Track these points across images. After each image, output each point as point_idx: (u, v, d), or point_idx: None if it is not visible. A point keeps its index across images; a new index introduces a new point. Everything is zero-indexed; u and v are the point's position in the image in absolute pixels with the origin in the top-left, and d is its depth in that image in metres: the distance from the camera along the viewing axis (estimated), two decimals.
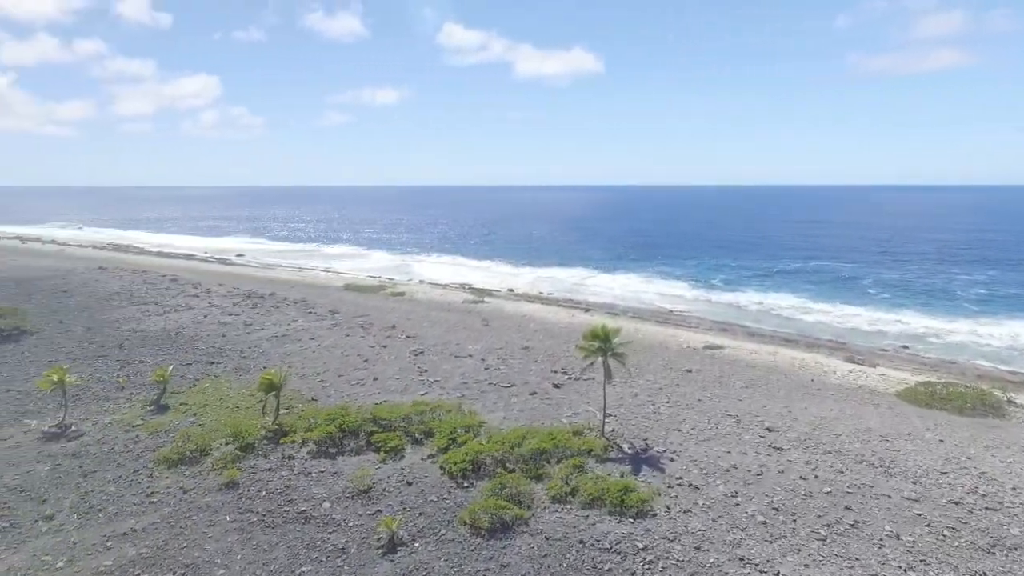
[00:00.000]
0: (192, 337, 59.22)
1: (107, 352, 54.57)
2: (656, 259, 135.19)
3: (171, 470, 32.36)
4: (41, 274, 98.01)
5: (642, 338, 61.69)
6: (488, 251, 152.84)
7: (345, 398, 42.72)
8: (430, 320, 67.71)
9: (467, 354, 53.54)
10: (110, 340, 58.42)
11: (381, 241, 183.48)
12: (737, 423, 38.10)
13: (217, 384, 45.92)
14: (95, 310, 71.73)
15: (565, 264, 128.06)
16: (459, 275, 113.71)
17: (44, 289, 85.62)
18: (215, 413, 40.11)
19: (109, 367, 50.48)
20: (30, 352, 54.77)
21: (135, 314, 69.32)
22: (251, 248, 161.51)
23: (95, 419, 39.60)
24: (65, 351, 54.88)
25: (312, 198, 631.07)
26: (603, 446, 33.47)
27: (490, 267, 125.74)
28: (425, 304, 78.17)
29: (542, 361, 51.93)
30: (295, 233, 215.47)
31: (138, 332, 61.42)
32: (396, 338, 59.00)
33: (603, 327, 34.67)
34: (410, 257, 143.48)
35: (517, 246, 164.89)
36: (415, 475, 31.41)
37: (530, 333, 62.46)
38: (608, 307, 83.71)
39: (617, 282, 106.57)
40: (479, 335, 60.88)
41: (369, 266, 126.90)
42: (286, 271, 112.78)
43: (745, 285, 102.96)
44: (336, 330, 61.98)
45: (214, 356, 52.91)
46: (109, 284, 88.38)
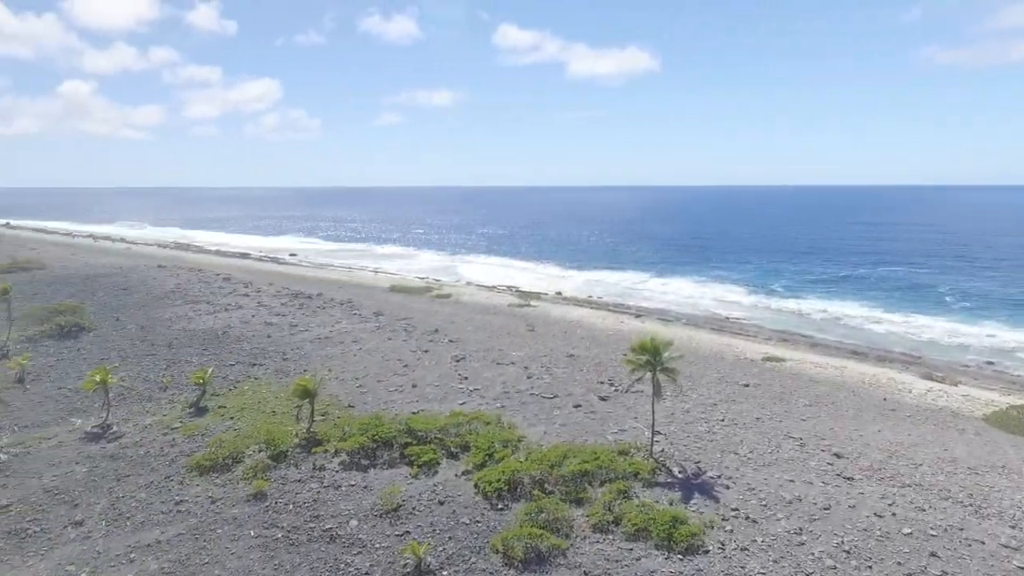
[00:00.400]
0: (238, 337, 59.49)
1: (156, 351, 55.29)
2: (711, 262, 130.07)
3: (202, 477, 31.67)
4: (106, 271, 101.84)
5: (696, 347, 58.32)
6: (536, 252, 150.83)
7: (382, 405, 41.45)
8: (474, 324, 66.14)
9: (510, 361, 51.59)
10: (160, 338, 59.32)
11: (430, 241, 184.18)
12: (801, 446, 34.73)
13: (257, 387, 45.51)
14: (150, 308, 73.46)
15: (615, 267, 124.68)
16: (506, 277, 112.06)
17: (106, 286, 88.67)
18: (252, 417, 39.51)
19: (156, 366, 50.99)
20: (86, 349, 56.06)
21: (187, 312, 70.53)
22: (304, 247, 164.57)
23: (136, 420, 39.61)
24: (118, 349, 55.92)
25: (366, 198, 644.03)
26: (651, 468, 30.88)
27: (538, 269, 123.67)
28: (470, 307, 76.74)
29: (588, 371, 49.46)
30: (348, 233, 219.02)
31: (187, 331, 62.22)
32: (438, 342, 57.63)
33: (652, 339, 32.03)
34: (458, 258, 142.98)
35: (566, 248, 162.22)
36: (448, 493, 29.63)
37: (576, 340, 60.00)
38: (660, 313, 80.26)
39: (670, 286, 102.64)
40: (523, 341, 58.85)
41: (417, 267, 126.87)
42: (336, 271, 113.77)
43: (807, 291, 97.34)
44: (379, 333, 61.15)
45: (257, 357, 52.77)
46: (166, 282, 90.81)
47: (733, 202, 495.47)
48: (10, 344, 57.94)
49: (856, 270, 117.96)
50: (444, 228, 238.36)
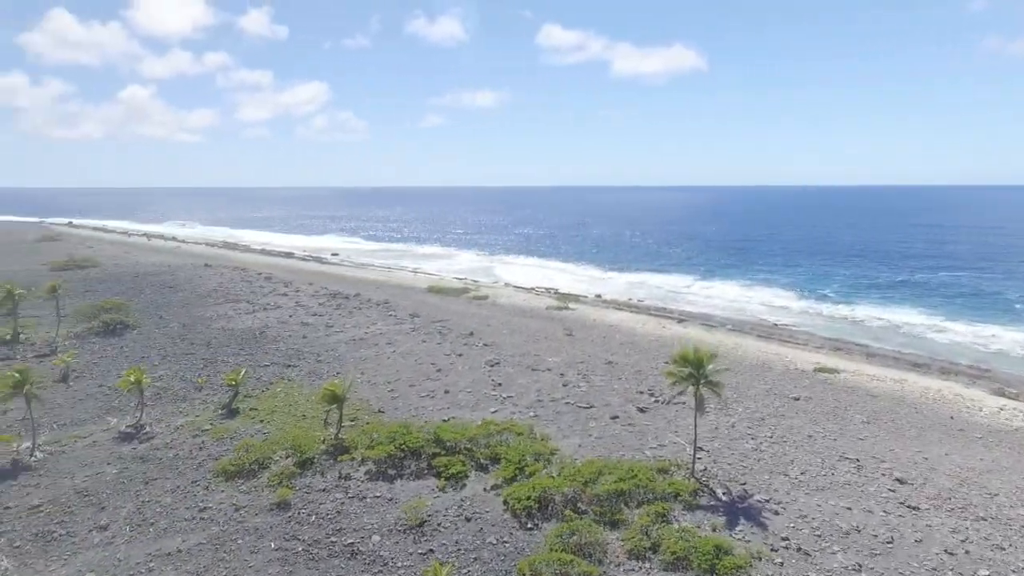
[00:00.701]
0: (274, 337, 59.60)
1: (195, 350, 55.77)
2: (757, 265, 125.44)
3: (228, 483, 31.13)
4: (154, 269, 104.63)
5: (741, 355, 55.50)
6: (576, 253, 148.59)
7: (413, 412, 40.41)
8: (510, 327, 64.72)
9: (545, 367, 49.95)
10: (200, 337, 59.93)
11: (471, 242, 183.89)
12: (858, 469, 32.03)
13: (289, 389, 45.14)
14: (193, 306, 74.66)
15: (658, 269, 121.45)
16: (545, 278, 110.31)
17: (154, 284, 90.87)
18: (282, 421, 39.02)
19: (193, 365, 51.31)
20: (128, 347, 56.99)
21: (227, 312, 71.35)
22: (346, 247, 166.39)
23: (169, 420, 39.61)
24: (159, 347, 56.66)
25: (410, 198, 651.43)
26: (692, 489, 28.82)
27: (577, 270, 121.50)
28: (507, 309, 75.38)
29: (627, 379, 47.39)
30: (390, 233, 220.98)
31: (226, 330, 62.74)
32: (473, 346, 56.44)
33: (696, 350, 29.92)
34: (497, 258, 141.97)
35: (607, 249, 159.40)
36: (475, 509, 28.23)
37: (616, 346, 57.90)
38: (704, 318, 77.23)
39: (714, 290, 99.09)
40: (560, 346, 57.11)
41: (456, 267, 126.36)
42: (375, 271, 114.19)
43: (861, 297, 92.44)
44: (414, 335, 60.36)
45: (291, 358, 52.59)
46: (210, 281, 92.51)
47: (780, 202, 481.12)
48: (59, 340, 59.47)
49: (914, 275, 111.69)
50: (484, 228, 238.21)
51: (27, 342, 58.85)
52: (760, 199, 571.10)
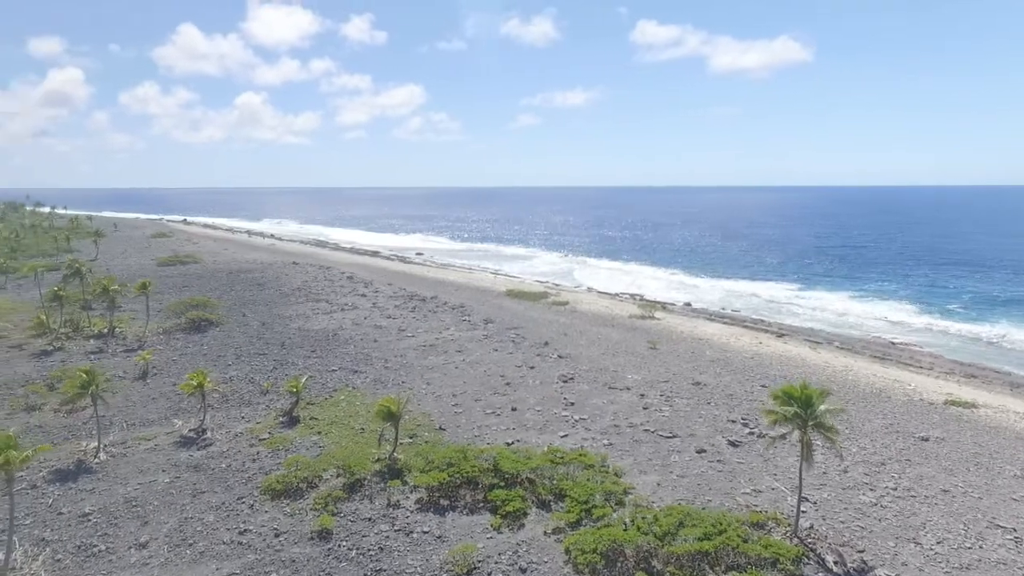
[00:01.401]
0: (346, 340, 58.67)
1: (268, 350, 55.69)
2: (867, 273, 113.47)
3: (273, 502, 29.26)
4: (247, 267, 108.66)
5: (853, 380, 48.40)
6: (665, 257, 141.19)
7: (475, 431, 37.33)
8: (588, 338, 60.48)
9: (624, 385, 45.44)
10: (276, 337, 60.03)
11: (556, 242, 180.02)
12: (1017, 543, 25.55)
13: (352, 398, 43.39)
14: (275, 304, 75.83)
15: (753, 276, 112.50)
16: (630, 283, 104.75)
17: (244, 281, 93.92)
18: (339, 434, 37.11)
19: (264, 367, 50.97)
20: (208, 345, 57.86)
21: (306, 311, 71.72)
22: (432, 247, 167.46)
23: (230, 426, 38.75)
24: (235, 346, 57.10)
25: (500, 198, 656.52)
26: (795, 555, 23.74)
27: (664, 276, 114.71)
28: (587, 317, 71.07)
29: (717, 403, 42.05)
30: (476, 232, 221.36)
31: (302, 331, 62.65)
32: (547, 357, 52.76)
33: (803, 387, 24.70)
34: (581, 260, 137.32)
35: (698, 253, 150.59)
36: (532, 558, 24.58)
37: (705, 363, 52.33)
38: (807, 333, 69.44)
39: (819, 300, 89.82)
40: (642, 361, 52.29)
41: (538, 269, 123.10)
42: (455, 272, 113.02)
43: (996, 314, 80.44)
44: (486, 343, 57.49)
45: (359, 363, 51.13)
46: (295, 279, 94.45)
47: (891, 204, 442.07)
48: (148, 336, 61.54)
49: None
50: (571, 228, 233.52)
51: (120, 336, 61.32)
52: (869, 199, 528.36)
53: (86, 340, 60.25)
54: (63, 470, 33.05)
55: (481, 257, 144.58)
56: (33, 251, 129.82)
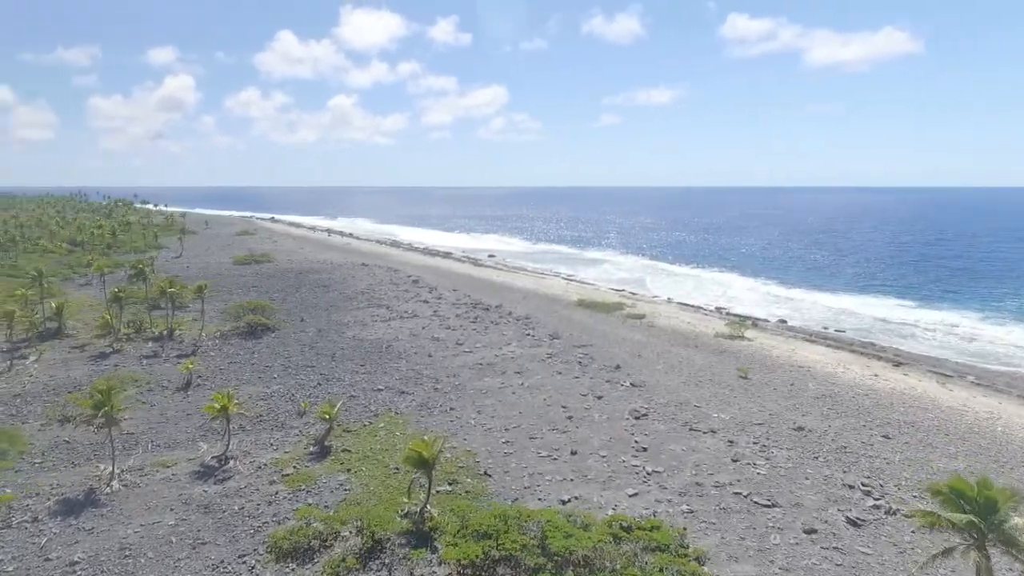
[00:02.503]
0: (399, 353, 54.39)
1: (318, 362, 52.24)
2: (1000, 288, 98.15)
3: (278, 564, 24.66)
4: (318, 267, 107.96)
5: (1003, 433, 38.68)
6: (755, 265, 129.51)
7: (526, 480, 31.48)
8: (667, 361, 53.19)
9: (709, 427, 38.17)
10: (328, 347, 56.67)
11: (635, 245, 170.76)
12: None
13: (393, 426, 38.65)
14: (336, 309, 73.12)
15: (859, 289, 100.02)
16: (716, 295, 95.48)
17: (311, 282, 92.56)
18: (370, 472, 32.33)
19: (308, 381, 47.36)
20: (259, 354, 55.21)
21: (365, 318, 68.36)
22: (505, 248, 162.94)
23: (256, 454, 34.89)
24: (284, 356, 54.10)
25: (578, 198, 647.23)
26: None
27: (755, 286, 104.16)
28: (666, 335, 63.51)
29: (827, 458, 34.09)
30: (552, 234, 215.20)
31: (356, 340, 59.06)
32: (617, 385, 46.11)
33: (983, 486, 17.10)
34: (662, 266, 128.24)
35: (797, 262, 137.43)
36: None
37: (808, 400, 43.96)
38: (931, 362, 58.69)
39: (941, 319, 77.43)
40: (730, 395, 44.60)
41: (615, 275, 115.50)
42: (525, 277, 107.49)
43: None
44: (549, 364, 51.49)
45: (408, 383, 46.49)
46: (361, 281, 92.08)
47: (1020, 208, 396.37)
48: (203, 340, 59.90)
49: None
50: (651, 231, 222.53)
51: (178, 339, 60.01)
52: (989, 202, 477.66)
53: (145, 342, 59.31)
54: (71, 500, 30.05)
55: (555, 260, 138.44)
56: (127, 247, 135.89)
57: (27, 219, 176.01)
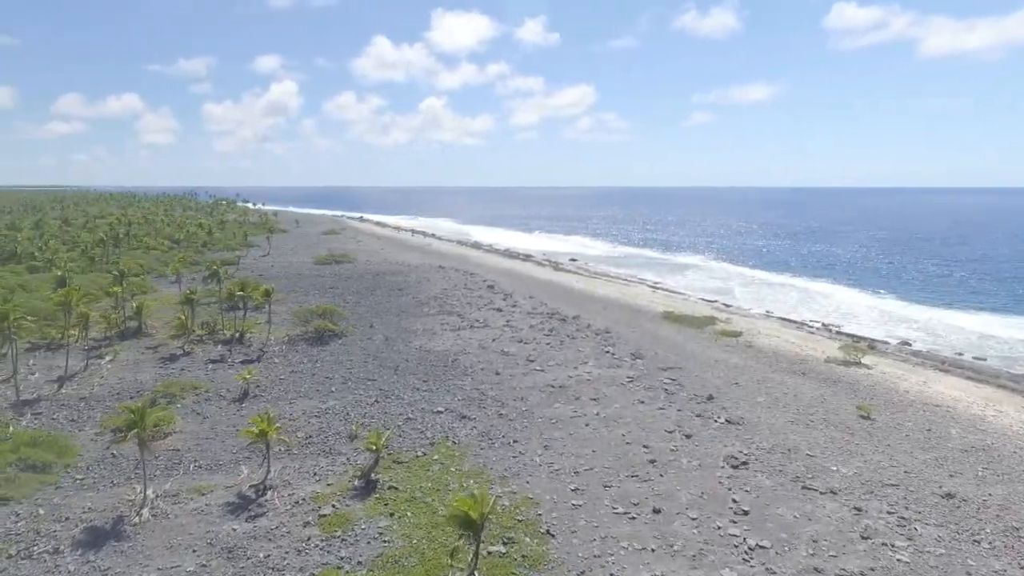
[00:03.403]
0: (465, 368, 50.18)
1: (378, 375, 48.94)
2: None
3: None
4: (395, 268, 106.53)
5: None
6: (867, 276, 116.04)
7: (596, 546, 26.01)
8: (769, 391, 45.79)
9: (828, 486, 31.05)
10: (392, 358, 53.41)
11: (729, 250, 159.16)
12: None
13: (448, 459, 34.24)
14: (407, 315, 70.22)
15: (999, 308, 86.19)
16: (824, 309, 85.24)
17: (386, 285, 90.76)
18: (415, 519, 28.01)
19: (366, 397, 43.97)
20: (322, 363, 52.71)
21: (434, 326, 64.87)
22: (588, 252, 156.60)
23: (297, 484, 31.51)
24: (346, 367, 51.26)
25: (667, 199, 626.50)
26: None
27: (870, 301, 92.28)
28: (766, 357, 55.67)
29: (995, 543, 26.27)
30: (638, 236, 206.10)
31: (422, 351, 55.49)
32: (710, 420, 39.51)
33: None
34: (759, 275, 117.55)
35: (914, 272, 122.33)
36: None
37: (954, 454, 35.55)
38: None
39: None
40: (852, 441, 36.92)
41: (707, 283, 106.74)
42: (608, 283, 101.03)
43: None
44: (630, 389, 45.49)
45: (471, 405, 42.07)
46: (435, 286, 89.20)
47: None
48: (270, 345, 58.42)
49: None
50: (747, 235, 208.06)
51: (247, 344, 58.87)
52: None
53: (215, 345, 58.56)
54: (98, 529, 27.68)
55: (640, 265, 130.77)
56: (220, 245, 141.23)
57: (136, 217, 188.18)
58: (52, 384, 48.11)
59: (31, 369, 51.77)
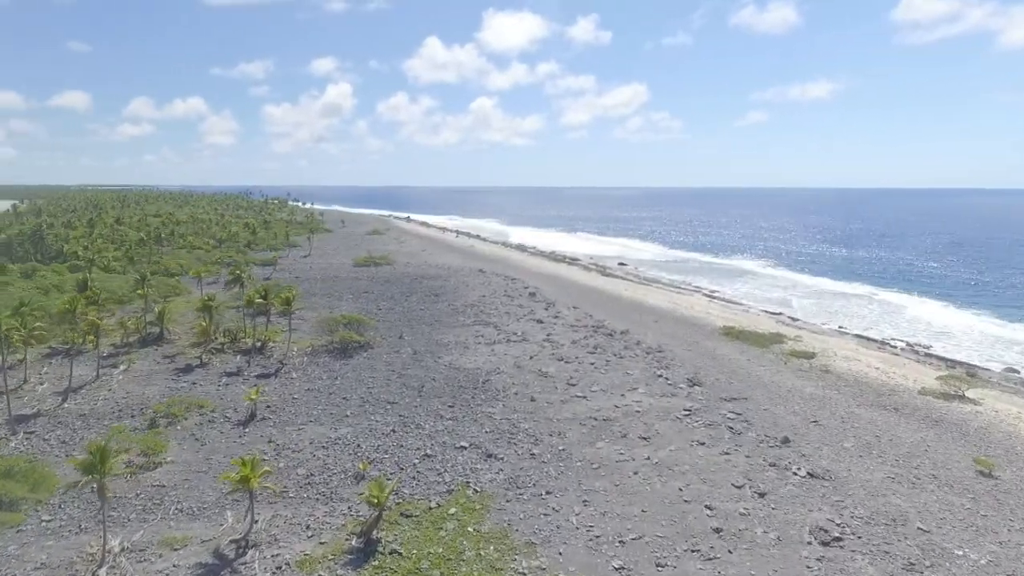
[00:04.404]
0: (497, 392, 44.46)
1: (400, 397, 43.79)
2: None
3: None
4: (434, 272, 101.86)
5: None
6: (949, 287, 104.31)
7: None
8: (858, 432, 38.24)
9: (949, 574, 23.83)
10: (419, 376, 48.24)
11: (789, 255, 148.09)
12: None
13: (467, 513, 28.53)
14: (440, 325, 65.09)
15: None
16: (909, 326, 75.70)
17: (423, 290, 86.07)
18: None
19: (383, 424, 38.84)
20: (342, 380, 48.04)
21: (468, 339, 59.44)
22: (638, 255, 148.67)
23: (285, 542, 26.42)
24: (368, 386, 46.34)
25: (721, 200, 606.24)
26: None
27: (966, 320, 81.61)
28: (848, 387, 47.82)
29: None
30: (690, 239, 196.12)
31: (452, 369, 50.13)
32: (788, 472, 32.50)
33: None
34: (824, 284, 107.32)
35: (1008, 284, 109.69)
36: None
37: None
38: None
39: None
40: (975, 509, 29.33)
41: (768, 293, 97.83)
42: (659, 291, 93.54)
43: None
44: (688, 425, 38.77)
45: (500, 440, 36.30)
46: (474, 292, 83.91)
47: None
48: (291, 356, 54.18)
49: None
50: (809, 238, 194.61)
51: (267, 354, 54.85)
52: None
53: (234, 355, 54.76)
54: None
55: (693, 271, 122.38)
56: (264, 245, 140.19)
57: (184, 216, 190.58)
58: (57, 396, 45.01)
59: (41, 378, 48.99)
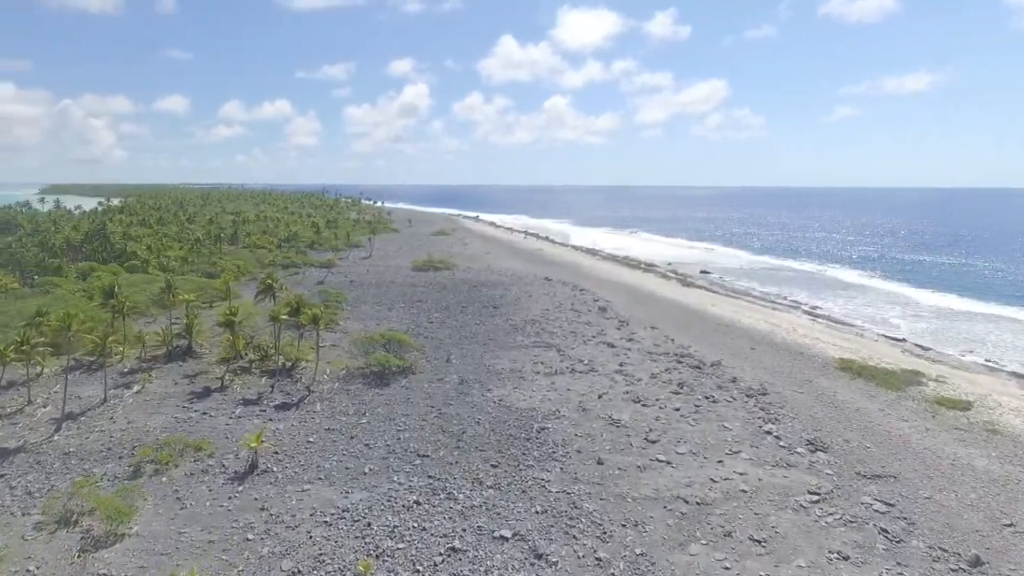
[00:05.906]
0: (556, 447, 35.06)
1: (434, 450, 35.22)
2: None
3: None
4: (496, 279, 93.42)
5: None
6: None
7: None
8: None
9: None
10: (459, 419, 39.54)
11: (895, 266, 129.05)
12: None
13: None
14: (494, 345, 56.40)
15: None
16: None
17: (481, 299, 77.79)
18: None
19: (404, 493, 30.33)
20: (371, 416, 40.24)
21: (524, 366, 50.31)
22: (722, 262, 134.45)
23: None
24: (396, 429, 38.13)
25: (809, 200, 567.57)
26: None
27: None
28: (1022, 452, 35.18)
29: None
30: (778, 243, 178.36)
31: (502, 409, 41.15)
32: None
33: None
34: (951, 303, 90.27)
35: None
36: None
37: None
38: None
39: None
40: None
41: (882, 312, 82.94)
42: (752, 309, 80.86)
43: None
44: (819, 520, 27.85)
45: (555, 528, 26.92)
46: (536, 304, 74.66)
47: None
48: (319, 383, 46.83)
49: None
50: (913, 245, 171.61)
51: (294, 378, 47.85)
52: None
53: (259, 377, 48.16)
54: None
55: (787, 281, 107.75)
56: (327, 246, 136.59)
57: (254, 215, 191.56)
58: (53, 423, 39.49)
59: (47, 399, 43.87)
